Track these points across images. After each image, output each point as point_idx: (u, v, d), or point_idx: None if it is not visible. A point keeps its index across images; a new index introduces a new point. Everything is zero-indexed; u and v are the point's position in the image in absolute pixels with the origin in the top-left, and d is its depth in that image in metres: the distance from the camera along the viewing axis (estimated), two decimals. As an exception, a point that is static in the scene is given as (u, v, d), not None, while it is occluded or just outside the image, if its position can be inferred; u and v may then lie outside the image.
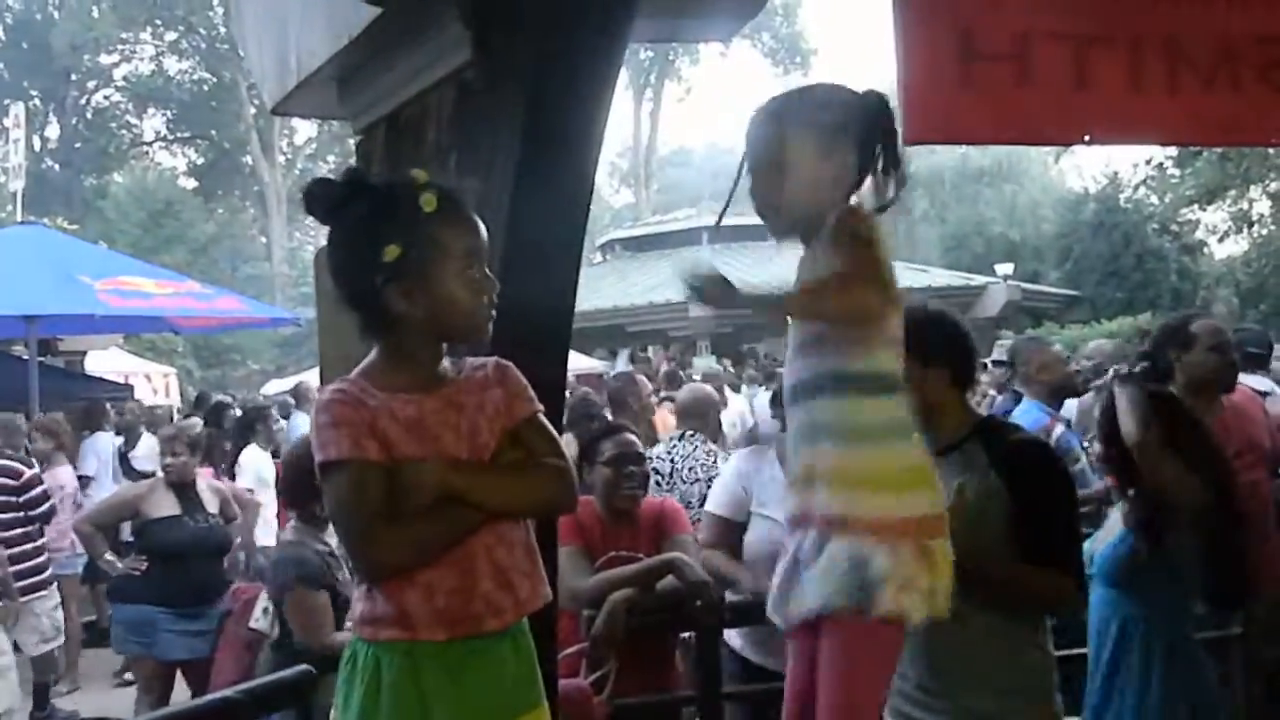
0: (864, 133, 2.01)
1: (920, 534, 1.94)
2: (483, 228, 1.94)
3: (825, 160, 2.01)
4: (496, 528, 1.91)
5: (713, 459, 5.21)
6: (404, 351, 1.92)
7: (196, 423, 8.61)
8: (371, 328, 1.94)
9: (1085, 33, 3.29)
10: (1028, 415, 5.08)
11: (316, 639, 3.73)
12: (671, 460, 5.21)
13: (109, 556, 5.72)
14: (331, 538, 3.87)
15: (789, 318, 2.09)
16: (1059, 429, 5.10)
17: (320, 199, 1.92)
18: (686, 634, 3.65)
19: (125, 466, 9.34)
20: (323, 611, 3.82)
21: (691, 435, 5.38)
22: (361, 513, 1.81)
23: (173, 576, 5.43)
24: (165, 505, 5.56)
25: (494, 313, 1.94)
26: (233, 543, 6.02)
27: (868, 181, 2.03)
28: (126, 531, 6.24)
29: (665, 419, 7.39)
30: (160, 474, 5.85)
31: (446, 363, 1.97)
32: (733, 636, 3.63)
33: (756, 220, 2.12)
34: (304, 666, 2.67)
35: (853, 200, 2.05)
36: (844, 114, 2.02)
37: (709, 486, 4.28)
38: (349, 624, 1.97)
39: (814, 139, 2.00)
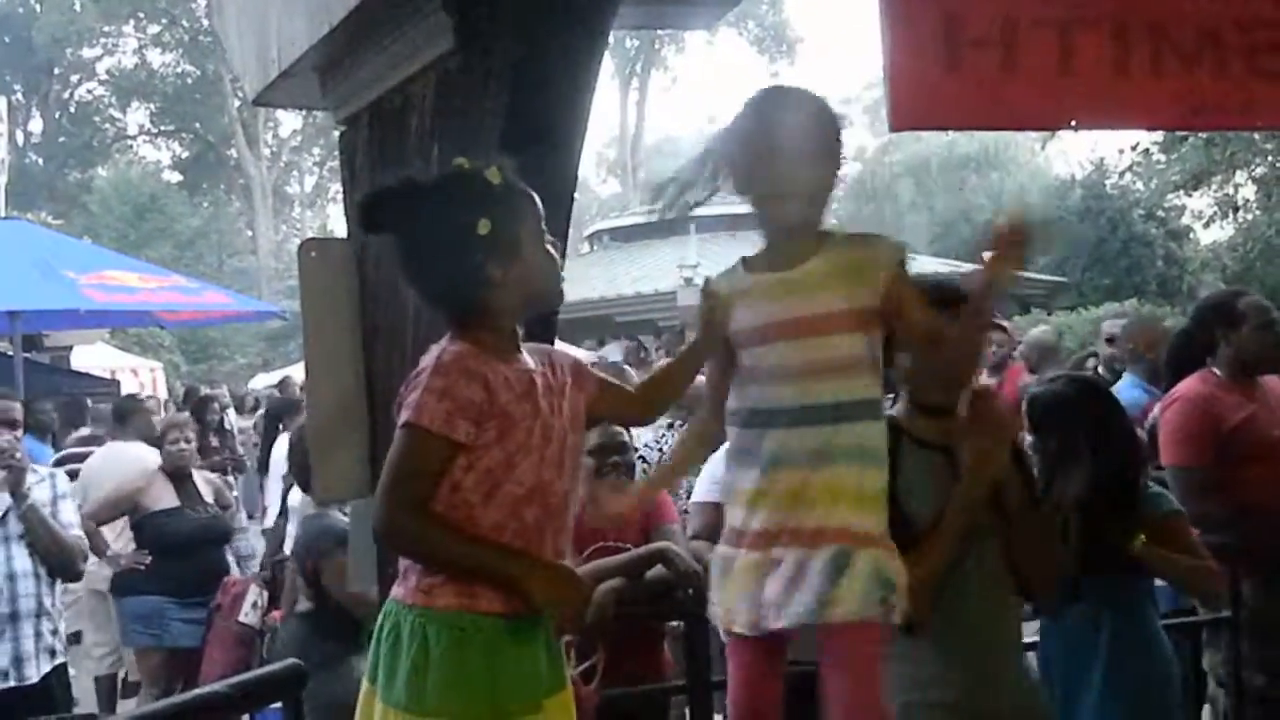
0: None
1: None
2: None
3: (838, 161, 2.13)
4: (565, 516, 1.96)
5: None
6: (497, 326, 1.94)
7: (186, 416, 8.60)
8: (469, 311, 1.94)
9: (1070, 18, 3.29)
10: (1127, 393, 4.70)
11: (362, 599, 3.51)
12: (660, 450, 5.12)
13: (111, 552, 5.70)
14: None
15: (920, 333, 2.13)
16: (1157, 410, 4.33)
17: (383, 208, 1.94)
18: (675, 623, 3.65)
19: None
20: None
21: (680, 425, 5.28)
22: (412, 479, 1.85)
23: (178, 567, 5.45)
24: (165, 498, 5.57)
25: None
26: (233, 532, 6.04)
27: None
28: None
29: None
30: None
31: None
32: (722, 625, 3.62)
33: (747, 209, 2.15)
34: (293, 661, 2.66)
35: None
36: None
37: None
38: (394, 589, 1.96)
39: (835, 141, 2.12)
